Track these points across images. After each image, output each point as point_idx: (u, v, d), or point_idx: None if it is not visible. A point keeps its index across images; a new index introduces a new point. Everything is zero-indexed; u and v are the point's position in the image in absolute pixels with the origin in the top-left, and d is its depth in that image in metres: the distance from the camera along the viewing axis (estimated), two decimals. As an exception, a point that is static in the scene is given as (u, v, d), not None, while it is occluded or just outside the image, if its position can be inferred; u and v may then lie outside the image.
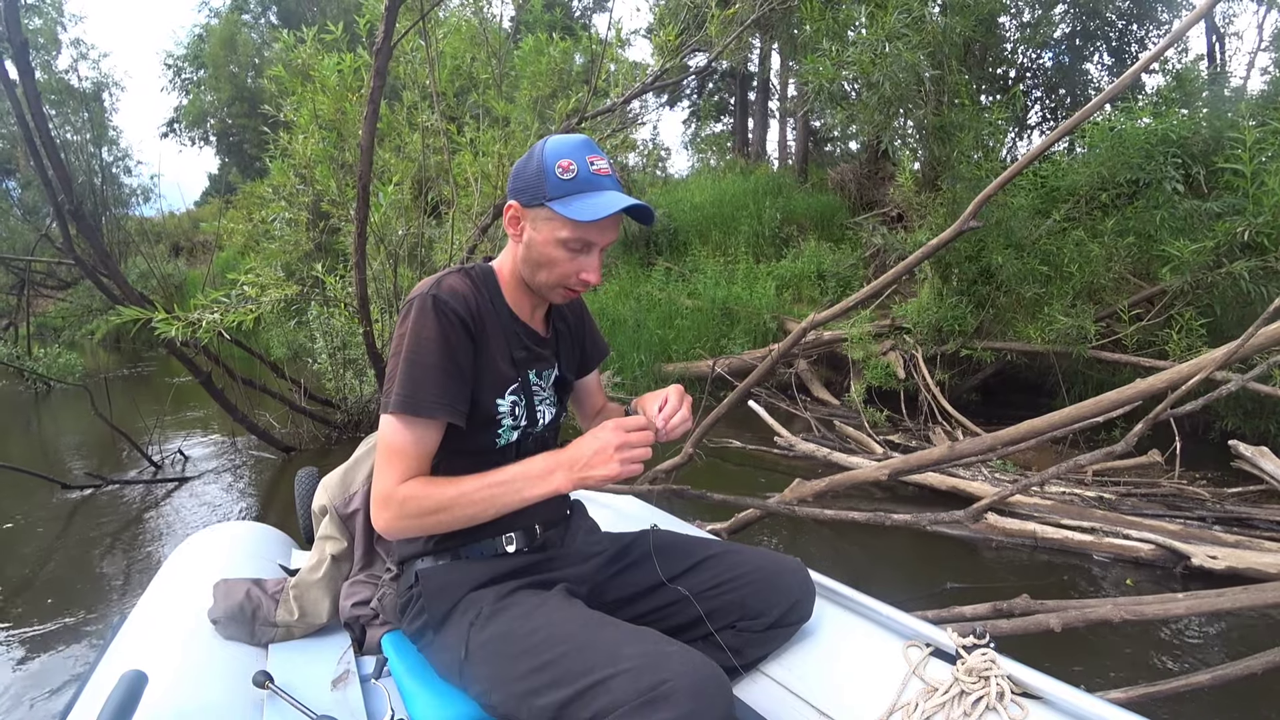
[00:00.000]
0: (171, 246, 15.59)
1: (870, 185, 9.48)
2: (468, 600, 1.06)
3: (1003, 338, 5.43)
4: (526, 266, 1.10)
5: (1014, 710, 0.96)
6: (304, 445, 5.21)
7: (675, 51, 3.48)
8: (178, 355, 4.10)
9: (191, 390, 6.89)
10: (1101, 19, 7.36)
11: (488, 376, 1.07)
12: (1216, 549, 3.11)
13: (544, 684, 0.91)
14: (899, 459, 2.34)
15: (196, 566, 1.46)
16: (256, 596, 1.26)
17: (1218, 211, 4.31)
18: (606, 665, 0.87)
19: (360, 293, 3.78)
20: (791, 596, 1.15)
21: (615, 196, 1.02)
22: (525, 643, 0.96)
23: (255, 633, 1.23)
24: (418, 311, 1.01)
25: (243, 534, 1.67)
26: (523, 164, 1.06)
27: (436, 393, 1.00)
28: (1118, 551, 3.18)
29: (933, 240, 2.37)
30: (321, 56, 3.67)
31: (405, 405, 0.99)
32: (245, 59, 17.30)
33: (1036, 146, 2.55)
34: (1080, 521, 3.40)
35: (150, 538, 3.73)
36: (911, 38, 4.16)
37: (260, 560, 1.54)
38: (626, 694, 0.83)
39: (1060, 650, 2.31)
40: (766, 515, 2.42)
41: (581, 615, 1.01)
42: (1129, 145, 4.53)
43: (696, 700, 0.81)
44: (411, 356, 1.00)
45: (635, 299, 8.17)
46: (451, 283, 1.05)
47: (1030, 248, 5.01)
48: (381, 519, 1.01)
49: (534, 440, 1.17)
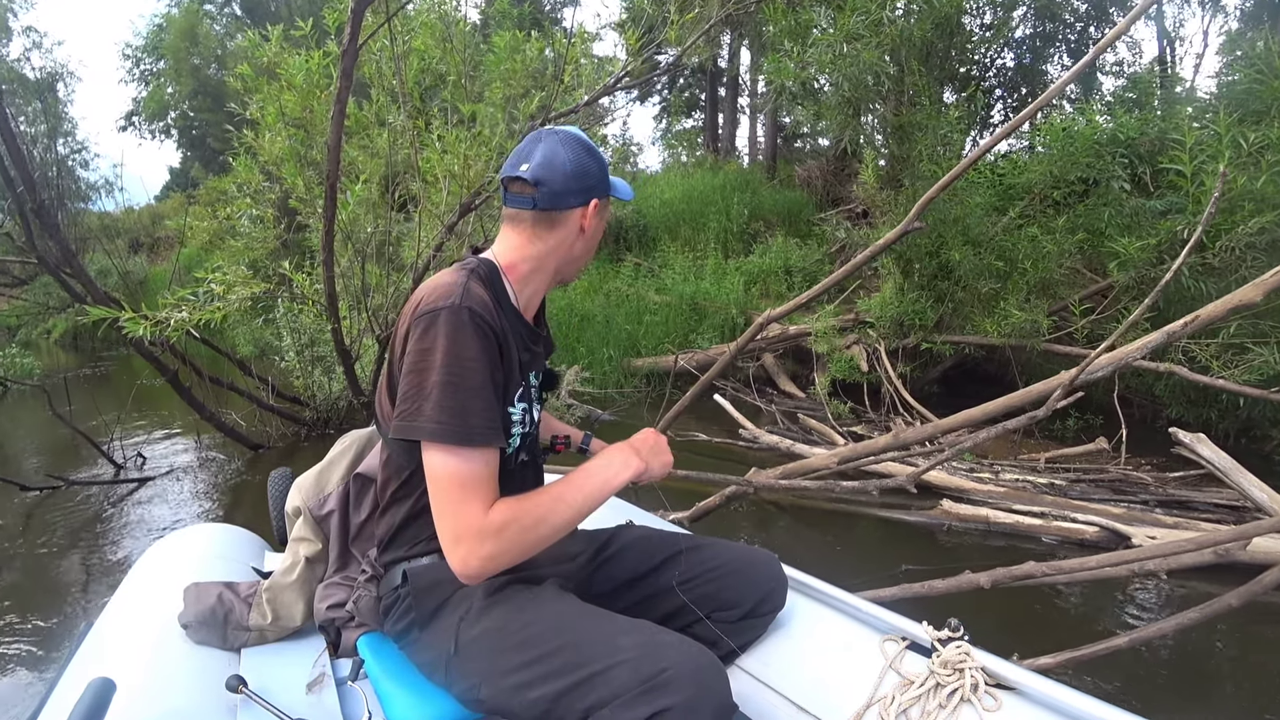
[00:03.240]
0: (131, 242, 15.16)
1: (836, 182, 9.66)
2: (457, 596, 1.04)
3: (961, 331, 5.61)
4: (571, 256, 1.10)
5: (988, 701, 0.98)
6: (273, 443, 5.17)
7: (638, 53, 3.53)
8: (144, 354, 4.05)
9: (155, 390, 6.76)
10: (1060, 21, 7.58)
11: (510, 384, 1.04)
12: (1155, 530, 3.29)
13: (538, 676, 0.90)
14: (848, 448, 2.46)
15: (166, 569, 1.43)
16: (229, 600, 1.23)
17: (1161, 210, 4.51)
18: (605, 656, 0.88)
19: (329, 290, 3.78)
20: (764, 588, 1.17)
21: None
22: (518, 636, 0.95)
23: (228, 637, 1.21)
24: (451, 327, 0.92)
25: (214, 536, 1.63)
26: (585, 159, 1.05)
27: (487, 418, 0.93)
28: (1064, 534, 3.35)
29: (878, 241, 2.47)
30: (288, 54, 3.64)
31: (458, 436, 0.90)
32: (208, 51, 16.86)
33: (974, 152, 2.67)
34: (1031, 506, 3.56)
35: (112, 540, 3.68)
36: (870, 39, 4.28)
37: (232, 563, 1.51)
38: (627, 683, 0.84)
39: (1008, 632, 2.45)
40: (729, 501, 2.51)
41: (576, 608, 1.00)
42: (1079, 145, 4.71)
43: (697, 687, 0.83)
44: (454, 380, 0.91)
45: (604, 295, 8.22)
46: (474, 291, 0.97)
47: (987, 244, 5.18)
48: (480, 555, 0.91)
49: (527, 440, 1.14)
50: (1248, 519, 3.52)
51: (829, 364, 6.18)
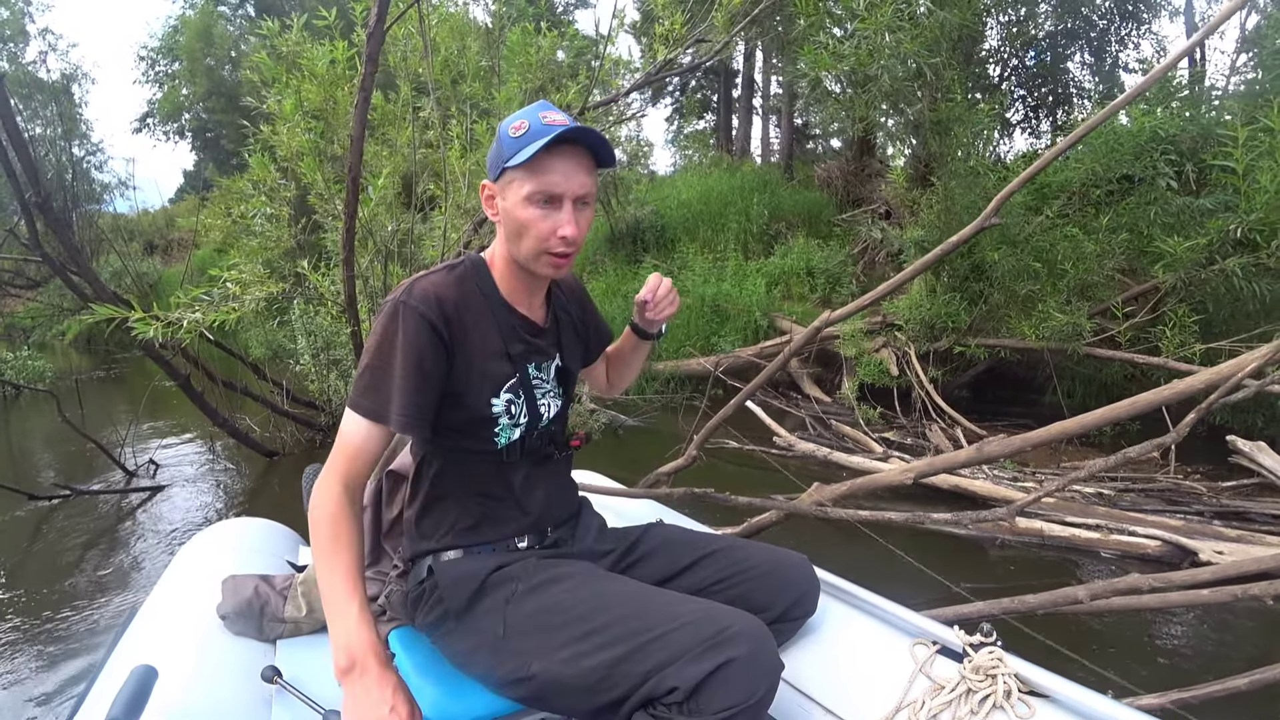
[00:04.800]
0: (146, 244, 15.13)
1: (856, 182, 9.49)
2: (496, 579, 1.05)
3: (995, 334, 5.44)
4: (511, 243, 1.05)
5: (1021, 709, 0.95)
6: (287, 449, 5.05)
7: (680, 41, 3.39)
8: (155, 357, 3.92)
9: (168, 393, 6.66)
10: (1083, 19, 7.41)
11: (475, 377, 1.04)
12: (1221, 544, 3.11)
13: (596, 645, 0.92)
14: (924, 462, 2.30)
15: (205, 562, 1.47)
16: (265, 592, 1.27)
17: (1210, 208, 4.33)
18: (665, 622, 0.91)
19: (348, 290, 3.64)
20: (796, 591, 1.15)
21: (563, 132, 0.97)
22: (575, 611, 0.97)
23: (264, 628, 1.24)
24: (387, 317, 0.99)
25: (251, 530, 1.68)
26: (492, 148, 1.06)
27: (393, 403, 0.98)
28: (1124, 549, 3.17)
29: (953, 237, 2.33)
30: (309, 44, 3.52)
31: (363, 409, 0.98)
32: (222, 52, 16.80)
33: (1063, 142, 2.51)
34: (1085, 519, 3.38)
35: (123, 551, 3.54)
36: (909, 29, 4.13)
37: (268, 556, 1.55)
38: (689, 642, 0.88)
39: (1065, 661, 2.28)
40: (786, 518, 2.35)
41: (630, 584, 1.04)
42: (1122, 142, 4.55)
43: (757, 643, 0.89)
44: (373, 363, 0.98)
45: (623, 297, 8.10)
46: (424, 285, 1.02)
47: (1023, 244, 5.01)
48: (311, 502, 0.98)
49: (540, 436, 1.14)
50: (1313, 531, 3.35)
51: (857, 367, 6.02)
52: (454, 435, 1.06)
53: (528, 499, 1.12)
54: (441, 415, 1.03)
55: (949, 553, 3.23)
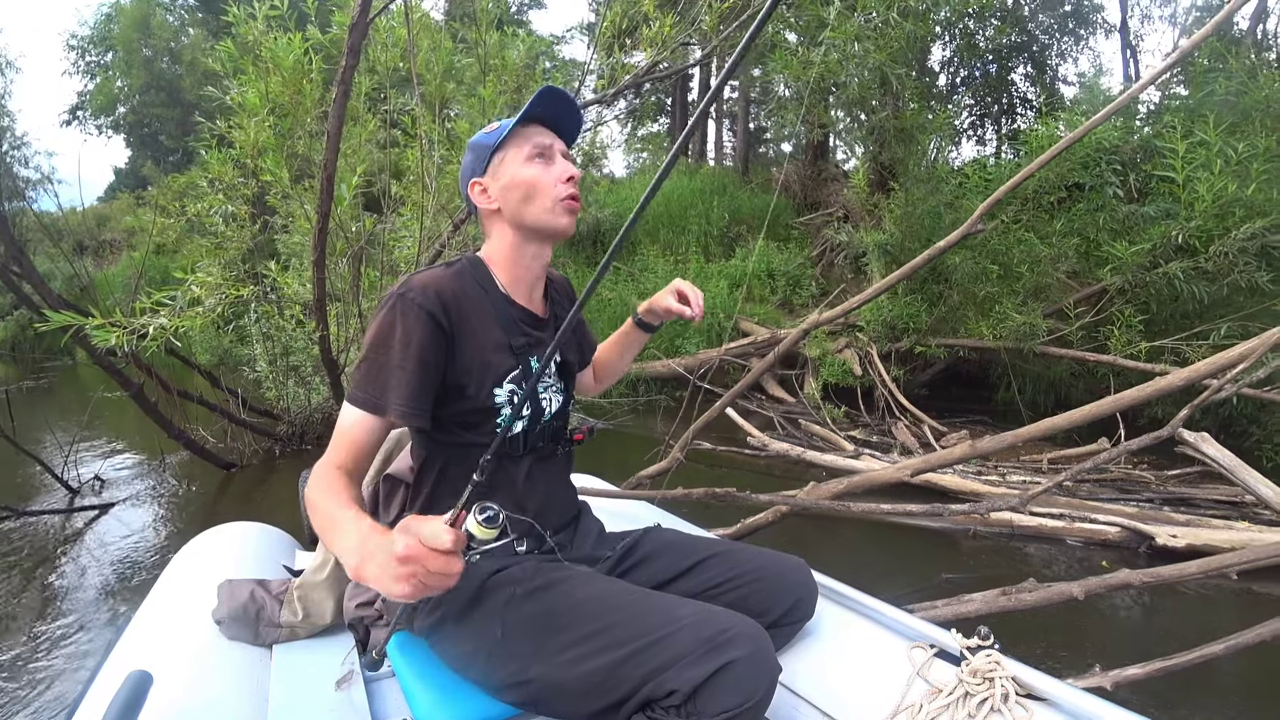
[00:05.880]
0: (76, 245, 14.12)
1: (813, 186, 9.70)
2: (495, 582, 1.04)
3: (954, 334, 5.64)
4: (522, 214, 1.09)
5: (1018, 712, 0.96)
6: (246, 461, 4.82)
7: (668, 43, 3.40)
8: (105, 367, 3.67)
9: (110, 404, 6.28)
10: (1028, 33, 7.79)
11: (476, 367, 1.04)
12: (1173, 528, 3.32)
13: (595, 649, 0.92)
14: (919, 459, 2.36)
15: (201, 567, 1.46)
16: (261, 597, 1.26)
17: (1153, 216, 4.61)
18: (664, 625, 0.91)
19: (319, 293, 3.51)
20: (794, 595, 1.16)
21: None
22: (573, 614, 0.97)
23: (259, 633, 1.23)
24: (386, 311, 1.00)
25: (247, 535, 1.67)
26: (465, 159, 1.15)
27: (391, 393, 0.97)
28: (1088, 536, 3.34)
29: (940, 241, 2.41)
30: (273, 35, 3.36)
31: (360, 401, 0.98)
32: (161, 43, 15.90)
33: (1061, 144, 2.62)
34: (1049, 509, 3.55)
35: (69, 575, 3.27)
36: (877, 39, 4.26)
37: (264, 561, 1.54)
38: (688, 645, 0.88)
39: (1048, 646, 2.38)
40: (782, 518, 2.38)
41: (630, 588, 1.03)
42: (1073, 151, 4.79)
43: (756, 644, 0.89)
44: (372, 355, 0.99)
45: (593, 299, 8.06)
46: (423, 279, 1.03)
47: (980, 247, 5.22)
48: (308, 492, 0.95)
49: (544, 430, 1.15)
50: (1250, 515, 3.61)
51: (821, 368, 6.15)
52: (457, 429, 1.06)
53: (528, 496, 1.11)
54: (444, 407, 1.03)
55: (928, 547, 3.33)
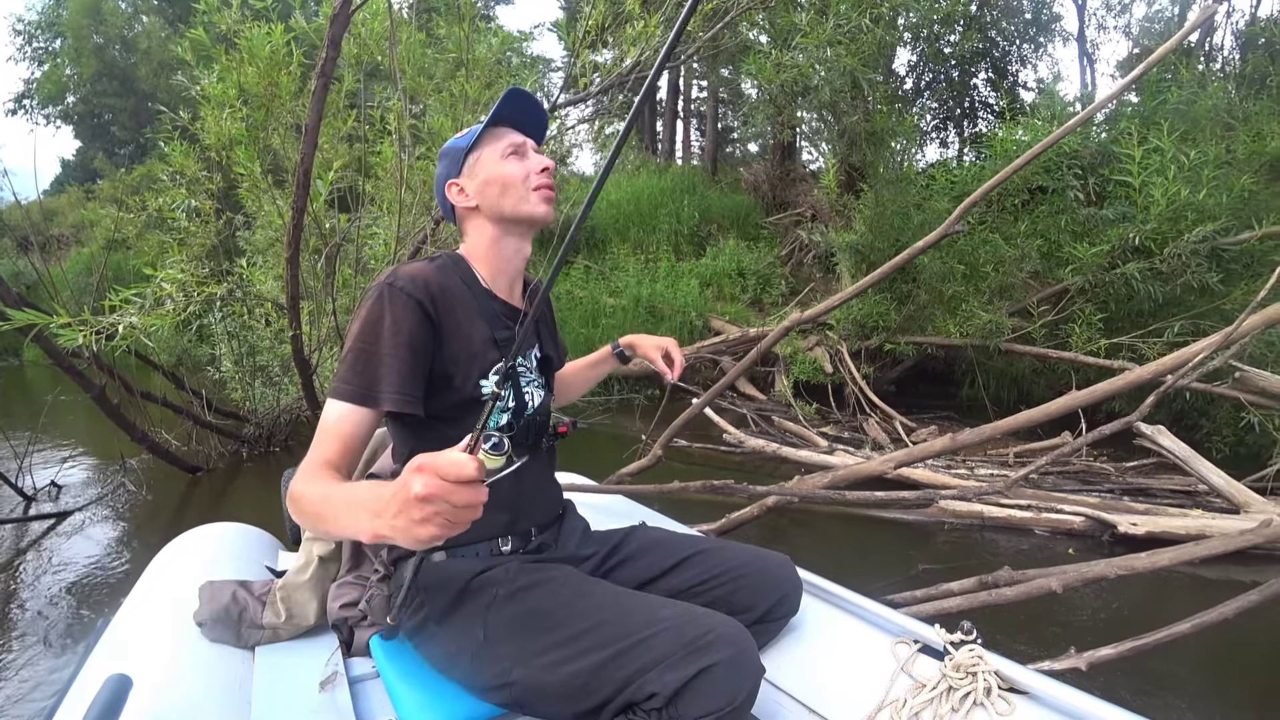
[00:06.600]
0: (20, 240, 13.37)
1: (782, 186, 9.83)
2: (478, 583, 1.04)
3: (922, 332, 5.79)
4: (500, 206, 1.11)
5: (1001, 705, 0.97)
6: (212, 464, 4.67)
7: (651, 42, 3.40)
8: (65, 367, 3.51)
9: (63, 407, 6.01)
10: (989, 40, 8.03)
11: (464, 357, 1.04)
12: (1134, 517, 3.47)
13: (577, 651, 0.92)
14: (903, 452, 2.42)
15: (182, 568, 1.43)
16: (243, 598, 1.24)
17: (1111, 218, 4.80)
18: (646, 627, 0.91)
19: (292, 291, 3.43)
20: (779, 591, 1.17)
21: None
22: (555, 616, 0.97)
23: (242, 635, 1.22)
24: (373, 301, 1.00)
25: (229, 535, 1.64)
26: (439, 166, 1.16)
27: (384, 382, 0.96)
28: (1054, 525, 3.46)
29: (918, 242, 2.47)
30: (249, 24, 3.26)
31: (349, 394, 0.95)
32: (114, 30, 15.22)
33: (1042, 144, 2.71)
34: (1018, 500, 3.67)
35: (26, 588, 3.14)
36: (849, 44, 4.34)
37: (246, 562, 1.52)
38: (671, 646, 0.88)
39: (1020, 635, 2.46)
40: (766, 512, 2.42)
41: (611, 589, 1.03)
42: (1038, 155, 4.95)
43: (738, 647, 0.89)
44: (359, 345, 0.97)
45: (556, 297, 8.00)
46: (408, 270, 1.03)
47: (947, 247, 5.37)
48: (293, 494, 0.89)
49: (527, 425, 1.14)
50: (1203, 503, 3.80)
51: (792, 366, 6.24)
52: (441, 425, 1.04)
53: (511, 493, 1.10)
54: (430, 400, 1.02)
55: (904, 540, 3.42)
